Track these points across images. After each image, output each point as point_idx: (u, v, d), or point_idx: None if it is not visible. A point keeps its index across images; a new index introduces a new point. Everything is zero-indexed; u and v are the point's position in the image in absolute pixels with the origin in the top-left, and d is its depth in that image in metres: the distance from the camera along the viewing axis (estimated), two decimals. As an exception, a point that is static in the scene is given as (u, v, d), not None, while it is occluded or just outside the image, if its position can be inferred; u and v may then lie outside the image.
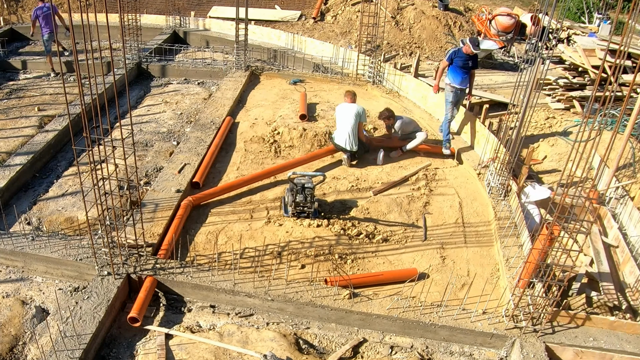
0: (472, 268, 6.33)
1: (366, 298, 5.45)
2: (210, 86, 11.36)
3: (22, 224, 6.52)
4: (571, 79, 10.44)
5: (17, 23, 13.90)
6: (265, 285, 5.49)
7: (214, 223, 6.71)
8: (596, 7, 16.59)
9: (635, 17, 4.89)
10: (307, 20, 15.31)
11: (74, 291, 5.62)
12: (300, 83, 11.27)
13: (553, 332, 5.21)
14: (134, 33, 11.51)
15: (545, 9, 7.56)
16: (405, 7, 15.14)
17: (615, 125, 5.01)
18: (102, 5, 12.25)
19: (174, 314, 5.44)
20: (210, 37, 13.76)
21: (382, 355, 5.16)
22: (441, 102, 9.94)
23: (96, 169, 4.88)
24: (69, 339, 4.68)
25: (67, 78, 11.26)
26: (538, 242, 5.28)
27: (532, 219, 6.93)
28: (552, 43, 11.78)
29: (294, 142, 8.60)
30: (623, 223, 7.21)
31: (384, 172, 8.11)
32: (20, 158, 7.50)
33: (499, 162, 7.46)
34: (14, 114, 9.31)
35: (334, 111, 9.20)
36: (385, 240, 6.63)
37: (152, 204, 6.63)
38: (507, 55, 14.31)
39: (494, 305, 5.49)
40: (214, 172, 7.82)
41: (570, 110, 10.30)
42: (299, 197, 6.63)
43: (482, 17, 14.96)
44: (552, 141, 9.30)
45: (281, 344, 5.06)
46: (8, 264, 5.87)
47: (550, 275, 5.27)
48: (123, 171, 5.13)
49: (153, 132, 9.06)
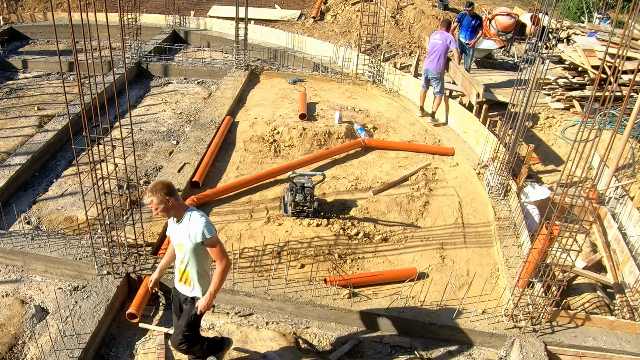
0: (471, 268, 6.33)
1: (366, 297, 5.45)
2: (210, 85, 11.36)
3: (22, 223, 6.52)
4: (571, 79, 10.43)
5: (17, 22, 13.90)
6: (264, 284, 5.49)
7: (214, 222, 6.68)
8: (596, 7, 16.58)
9: (635, 17, 4.89)
10: (307, 20, 15.31)
11: (73, 290, 5.62)
12: (300, 82, 11.27)
13: (552, 332, 5.21)
14: (133, 32, 11.52)
15: (545, 8, 7.56)
16: (405, 6, 15.15)
17: (615, 125, 5.01)
18: (102, 5, 12.25)
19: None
20: (210, 37, 13.75)
21: (382, 354, 5.16)
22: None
23: (96, 169, 4.88)
24: (69, 338, 4.68)
25: (66, 77, 11.26)
26: (537, 241, 5.28)
27: (531, 218, 6.93)
28: (552, 43, 11.78)
29: (294, 141, 8.60)
30: (623, 223, 7.21)
31: (384, 171, 8.11)
32: (20, 157, 7.49)
33: (498, 162, 7.46)
34: (13, 114, 9.30)
35: (333, 111, 9.20)
36: (385, 240, 6.63)
37: (151, 204, 6.62)
38: (507, 55, 14.31)
39: (494, 305, 5.50)
40: (214, 172, 7.82)
41: (570, 110, 10.30)
42: (299, 196, 6.63)
43: (482, 17, 14.94)
44: (552, 141, 9.31)
45: (281, 344, 5.06)
46: (7, 263, 5.87)
47: (550, 274, 5.27)
48: (123, 170, 5.13)
49: (153, 131, 9.06)
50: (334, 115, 9.17)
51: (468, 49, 11.54)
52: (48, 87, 10.68)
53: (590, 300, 5.87)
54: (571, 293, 6.06)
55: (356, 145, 8.63)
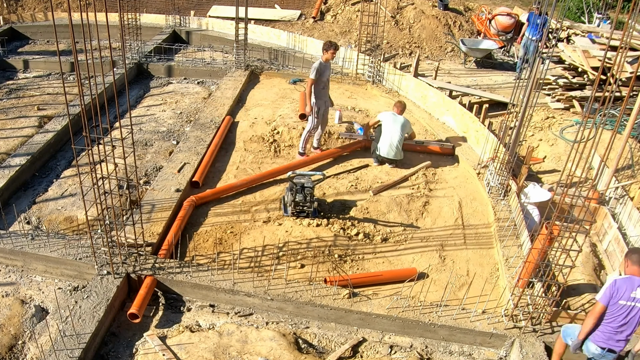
0: (471, 268, 6.33)
1: (366, 298, 5.45)
2: (210, 85, 11.36)
3: (22, 223, 6.52)
4: (571, 79, 10.43)
5: (17, 22, 13.89)
6: (264, 284, 5.49)
7: (214, 222, 6.71)
8: (596, 7, 16.58)
9: (635, 17, 4.89)
10: (306, 20, 15.30)
11: (73, 290, 5.62)
12: (300, 82, 11.26)
13: (552, 332, 5.21)
14: (133, 32, 11.51)
15: (545, 8, 7.57)
16: (405, 6, 15.15)
17: (615, 125, 5.01)
18: (102, 5, 12.25)
19: (173, 313, 5.44)
20: (210, 37, 13.75)
21: (382, 354, 5.16)
22: (438, 103, 9.97)
23: (95, 169, 4.88)
24: (69, 338, 4.68)
25: (66, 77, 11.26)
26: (537, 241, 5.28)
27: (531, 218, 6.93)
28: (552, 43, 11.78)
29: (294, 141, 8.60)
30: (622, 223, 7.21)
31: (384, 171, 8.11)
32: (20, 157, 7.49)
33: (498, 162, 7.46)
34: (13, 114, 9.30)
35: (333, 110, 9.19)
36: (385, 240, 6.63)
37: (151, 204, 6.63)
38: (506, 55, 14.31)
39: (494, 305, 5.50)
40: (214, 172, 7.82)
41: (570, 110, 10.30)
42: (299, 196, 6.63)
43: (482, 17, 14.96)
44: (552, 141, 9.31)
45: (280, 344, 5.06)
46: (7, 263, 5.87)
47: (550, 275, 5.27)
48: (122, 170, 5.12)
49: (153, 131, 9.06)
50: (334, 115, 9.17)
51: (532, 45, 11.61)
52: (48, 87, 10.68)
53: (590, 301, 5.87)
54: (571, 293, 6.05)
55: (356, 145, 8.62)
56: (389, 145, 7.99)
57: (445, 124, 9.78)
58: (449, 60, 13.80)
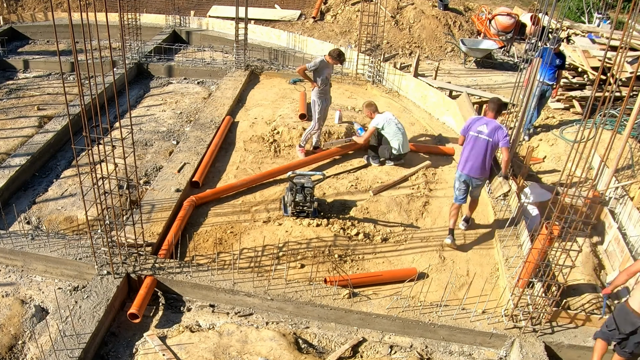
0: (471, 268, 6.33)
1: (366, 298, 5.45)
2: (210, 85, 11.35)
3: (22, 223, 6.52)
4: (571, 79, 10.44)
5: (17, 22, 13.89)
6: (264, 284, 5.49)
7: (214, 222, 6.71)
8: (596, 7, 16.58)
9: (635, 17, 4.89)
10: (306, 20, 15.30)
11: (73, 290, 5.62)
12: (300, 82, 11.26)
13: (552, 332, 5.21)
14: (133, 32, 11.51)
15: (545, 8, 7.57)
16: (405, 6, 15.15)
17: (615, 125, 5.01)
18: (102, 5, 12.25)
19: (173, 313, 5.44)
20: (210, 37, 13.75)
21: (382, 354, 5.16)
22: (438, 103, 9.97)
23: (95, 169, 4.88)
24: (69, 338, 4.68)
25: (66, 77, 11.26)
26: (537, 241, 5.28)
27: (531, 218, 6.93)
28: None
29: (294, 141, 8.59)
30: (622, 223, 7.21)
31: (384, 171, 8.11)
32: (20, 157, 7.49)
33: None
34: (13, 114, 9.30)
35: (333, 110, 9.19)
36: (385, 240, 6.63)
37: (151, 204, 6.63)
38: (506, 55, 14.31)
39: (494, 305, 5.50)
40: (214, 172, 7.82)
41: (570, 110, 10.30)
42: (299, 196, 6.63)
43: (482, 17, 14.96)
44: (552, 141, 9.31)
45: (280, 344, 5.06)
46: (7, 263, 5.87)
47: (550, 275, 5.27)
48: (122, 170, 5.12)
49: (152, 131, 9.06)
50: (334, 115, 9.17)
51: (548, 92, 9.33)
52: (48, 87, 10.68)
53: (590, 301, 5.87)
54: (571, 293, 6.05)
55: (356, 146, 8.62)
56: (403, 140, 8.11)
57: (445, 124, 9.79)
58: (449, 60, 13.81)
